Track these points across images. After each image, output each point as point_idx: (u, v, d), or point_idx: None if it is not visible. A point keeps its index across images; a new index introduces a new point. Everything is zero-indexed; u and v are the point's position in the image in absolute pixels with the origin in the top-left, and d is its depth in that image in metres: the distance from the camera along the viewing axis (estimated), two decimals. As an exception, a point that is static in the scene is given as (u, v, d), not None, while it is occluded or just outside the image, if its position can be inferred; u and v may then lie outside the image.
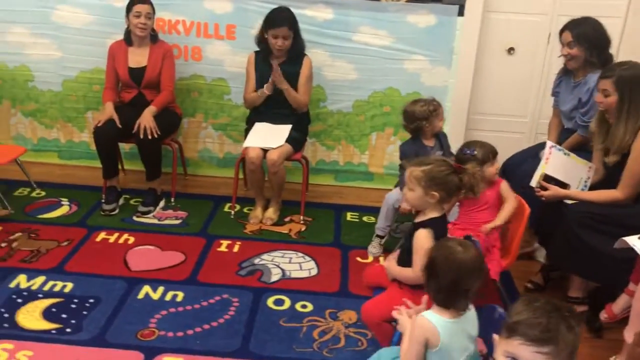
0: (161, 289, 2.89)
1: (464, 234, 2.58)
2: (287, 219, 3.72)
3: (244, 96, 3.78)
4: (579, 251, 2.65)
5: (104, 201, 3.66)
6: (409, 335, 1.83)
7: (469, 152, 2.71)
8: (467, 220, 2.80)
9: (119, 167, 3.89)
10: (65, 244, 3.24)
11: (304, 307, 2.83)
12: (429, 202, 2.21)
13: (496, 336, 1.41)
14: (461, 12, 3.89)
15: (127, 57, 3.66)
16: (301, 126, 3.73)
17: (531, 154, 3.34)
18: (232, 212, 3.75)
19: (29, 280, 2.89)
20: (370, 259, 3.30)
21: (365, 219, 3.79)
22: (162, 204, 3.78)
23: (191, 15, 3.96)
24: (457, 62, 4.01)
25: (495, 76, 4.13)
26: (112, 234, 3.39)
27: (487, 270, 1.90)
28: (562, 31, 3.17)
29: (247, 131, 3.72)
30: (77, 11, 3.97)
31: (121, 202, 3.75)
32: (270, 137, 3.56)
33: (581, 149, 3.06)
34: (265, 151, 3.49)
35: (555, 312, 1.29)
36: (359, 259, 3.30)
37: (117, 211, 3.64)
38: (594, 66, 3.07)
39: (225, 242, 3.39)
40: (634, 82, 2.60)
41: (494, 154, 2.75)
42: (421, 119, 3.08)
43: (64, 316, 2.64)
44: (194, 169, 4.32)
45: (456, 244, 1.83)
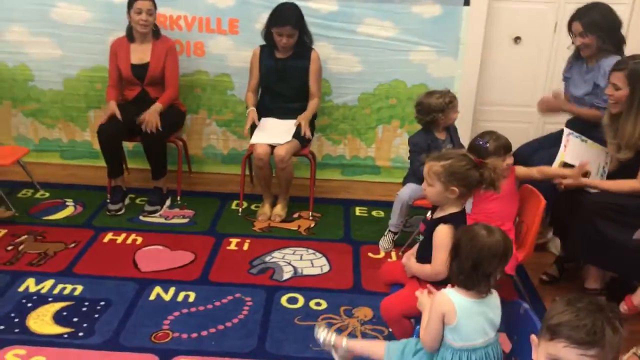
0: (172, 290, 2.85)
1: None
2: (296, 215, 3.67)
3: (246, 92, 3.73)
4: (596, 242, 2.62)
5: (109, 201, 3.61)
6: (428, 310, 1.86)
7: (481, 142, 2.66)
8: (479, 211, 2.76)
9: (123, 166, 3.83)
10: (72, 245, 3.20)
11: (318, 304, 2.79)
12: (448, 197, 2.16)
13: (535, 337, 1.36)
14: (467, 2, 3.84)
15: (129, 54, 3.60)
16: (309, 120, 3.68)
17: (542, 144, 3.31)
18: (240, 210, 3.70)
19: (38, 283, 2.85)
20: (382, 254, 3.26)
21: (374, 213, 3.75)
22: (168, 202, 3.73)
23: (193, 10, 3.90)
24: (463, 53, 3.97)
25: (502, 66, 4.09)
26: (120, 234, 3.34)
27: (511, 256, 1.86)
28: (571, 22, 3.11)
29: (252, 127, 3.67)
30: (76, 8, 3.90)
31: (127, 201, 3.70)
32: (277, 132, 3.51)
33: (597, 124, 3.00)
34: (272, 147, 3.44)
35: (599, 312, 1.24)
36: (370, 254, 3.26)
37: (123, 211, 3.59)
38: (608, 51, 3.04)
39: (234, 240, 3.34)
40: None
41: (507, 149, 2.67)
42: (437, 111, 3.03)
43: (76, 320, 2.60)
44: (199, 166, 4.27)
45: (481, 227, 1.84)
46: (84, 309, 2.67)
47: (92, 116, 4.15)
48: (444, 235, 2.13)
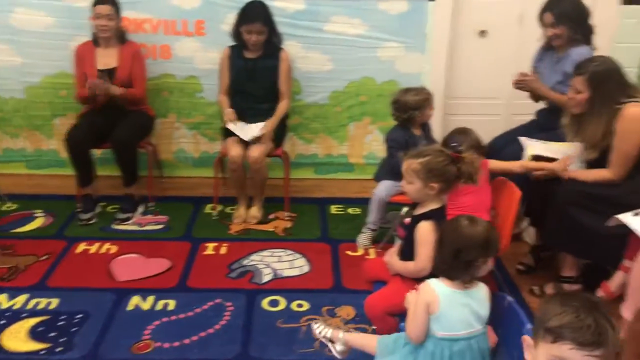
0: (151, 299, 2.79)
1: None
2: (272, 217, 3.65)
3: (218, 93, 3.68)
4: (571, 230, 2.66)
5: (80, 210, 3.52)
6: (414, 302, 1.88)
7: (454, 145, 2.66)
8: (454, 205, 2.78)
9: (93, 173, 3.75)
10: (44, 258, 3.11)
11: (300, 306, 2.77)
12: (428, 193, 2.18)
13: (528, 338, 1.35)
14: (432, -3, 3.88)
15: (95, 59, 3.51)
16: (281, 121, 3.65)
17: (513, 136, 3.34)
18: (215, 213, 3.66)
19: (10, 299, 2.76)
20: (360, 251, 3.27)
21: (350, 211, 3.76)
22: (141, 209, 3.66)
23: (157, 12, 3.83)
24: (430, 48, 3.99)
25: (468, 59, 4.14)
26: (93, 244, 3.26)
27: (497, 248, 1.88)
28: (542, 13, 3.17)
29: (224, 128, 3.63)
30: (36, 13, 3.79)
31: (98, 210, 3.62)
32: (248, 129, 3.47)
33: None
34: (246, 149, 3.41)
35: (596, 310, 1.23)
36: (349, 252, 3.26)
37: (95, 220, 3.51)
38: (578, 41, 3.10)
39: (211, 245, 3.30)
40: (605, 79, 2.60)
41: (477, 147, 2.67)
42: (414, 109, 3.05)
43: (53, 334, 2.52)
44: (170, 170, 4.20)
45: (465, 219, 1.87)
46: (61, 323, 2.60)
47: (58, 124, 4.04)
48: (426, 231, 2.14)
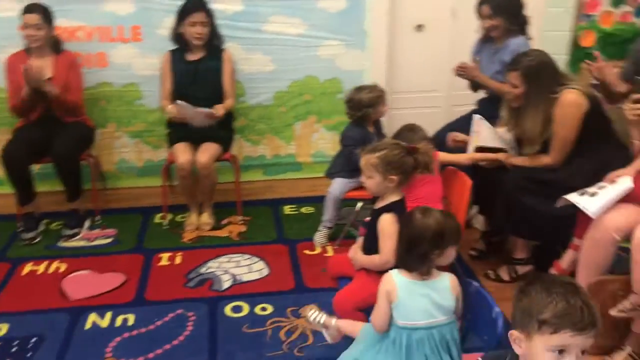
0: (109, 315, 2.70)
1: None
2: (225, 222, 3.60)
3: (160, 100, 3.60)
4: (520, 214, 2.76)
5: (22, 230, 3.36)
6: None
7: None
8: (408, 197, 2.83)
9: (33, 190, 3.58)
10: (-12, 283, 2.96)
11: (264, 309, 2.75)
12: (388, 186, 2.22)
13: (515, 333, 1.33)
14: (370, -6, 3.92)
15: (28, 69, 3.35)
16: (227, 124, 3.61)
17: (454, 127, 3.43)
18: (165, 222, 3.58)
19: (-45, 329, 2.61)
20: (318, 250, 3.28)
21: (303, 210, 3.76)
22: (87, 224, 3.53)
23: (91, 19, 3.70)
24: (370, 44, 4.04)
25: (407, 54, 4.21)
26: (40, 263, 3.12)
27: (456, 237, 1.93)
28: (479, 5, 3.27)
29: (170, 135, 3.56)
30: (-42, 25, 3.59)
31: (41, 228, 3.46)
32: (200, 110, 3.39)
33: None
34: (194, 154, 3.35)
35: (579, 292, 1.27)
36: (307, 251, 3.26)
37: (39, 239, 3.36)
38: (515, 31, 3.22)
39: (165, 255, 3.23)
40: (540, 72, 2.70)
41: (427, 141, 2.72)
42: (368, 106, 3.08)
43: (7, 362, 2.41)
44: (114, 182, 4.07)
45: (419, 211, 1.91)
46: (14, 349, 2.48)
47: (-9, 141, 3.83)
48: (388, 223, 2.17)
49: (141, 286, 2.94)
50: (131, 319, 2.68)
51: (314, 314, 2.21)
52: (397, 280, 1.87)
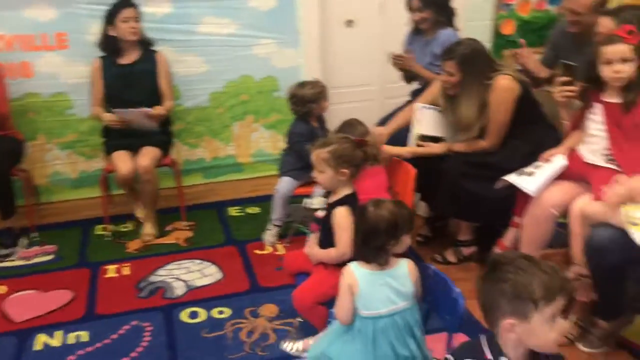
0: (59, 334, 2.61)
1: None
2: (170, 228, 3.54)
3: (91, 108, 3.49)
4: (462, 198, 2.87)
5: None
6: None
7: None
8: (356, 189, 2.89)
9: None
10: None
11: (221, 312, 2.74)
12: (340, 180, 2.26)
13: (506, 322, 1.33)
14: (299, -9, 3.95)
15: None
16: (166, 127, 3.55)
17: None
18: (108, 234, 3.47)
19: None
20: (268, 249, 3.28)
21: (249, 210, 3.75)
22: (23, 242, 3.38)
23: (10, 27, 3.53)
24: (303, 41, 4.07)
25: (340, 50, 4.27)
26: (-23, 287, 2.97)
27: (409, 225, 1.99)
28: (409, -1, 3.37)
29: (106, 144, 3.45)
30: None
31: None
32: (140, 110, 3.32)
33: None
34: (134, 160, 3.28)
35: (539, 261, 1.34)
36: (257, 251, 3.26)
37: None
38: (443, 23, 3.34)
39: (111, 267, 3.14)
40: (474, 60, 2.81)
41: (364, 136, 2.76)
42: (311, 102, 3.11)
43: (-47, 394, 2.28)
44: (47, 196, 3.91)
45: (371, 204, 1.94)
46: (-40, 380, 2.36)
47: None
48: (342, 216, 2.21)
49: (91, 301, 2.85)
50: (84, 335, 2.60)
51: (289, 346, 2.30)
52: (357, 273, 1.91)
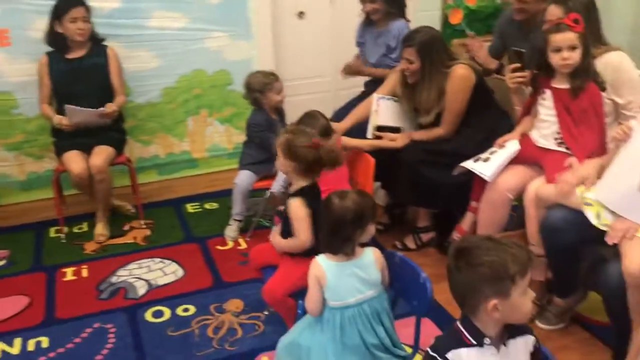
0: (18, 341, 2.53)
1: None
2: (127, 227, 3.47)
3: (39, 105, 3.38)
4: (420, 186, 2.94)
5: None
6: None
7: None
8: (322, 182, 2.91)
9: None
10: None
11: (186, 310, 2.71)
12: (288, 170, 2.27)
13: (491, 303, 1.37)
14: (249, -17, 3.92)
15: None
16: (119, 125, 3.47)
17: (348, 110, 3.55)
18: (62, 236, 3.37)
19: None
20: (230, 244, 3.26)
21: (207, 206, 3.71)
22: (-28, 248, 3.26)
23: (-53, 24, 3.38)
24: (255, 33, 4.05)
25: (292, 41, 4.28)
26: None
27: (373, 214, 2.02)
28: (360, -10, 3.39)
29: (57, 144, 3.35)
30: None
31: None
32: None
33: None
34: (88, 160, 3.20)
35: (501, 240, 1.42)
36: (219, 247, 3.23)
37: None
38: (394, 15, 3.38)
39: (69, 270, 3.06)
40: (433, 46, 2.88)
41: (326, 132, 2.74)
42: (256, 91, 3.10)
43: None
44: (-5, 199, 3.77)
45: (336, 196, 1.96)
46: None
47: None
48: (295, 207, 2.23)
49: (49, 305, 2.77)
50: (45, 341, 2.52)
51: None
52: (324, 265, 1.93)
